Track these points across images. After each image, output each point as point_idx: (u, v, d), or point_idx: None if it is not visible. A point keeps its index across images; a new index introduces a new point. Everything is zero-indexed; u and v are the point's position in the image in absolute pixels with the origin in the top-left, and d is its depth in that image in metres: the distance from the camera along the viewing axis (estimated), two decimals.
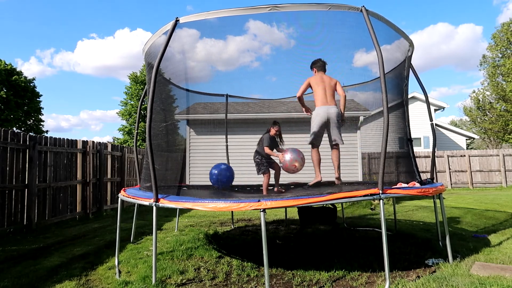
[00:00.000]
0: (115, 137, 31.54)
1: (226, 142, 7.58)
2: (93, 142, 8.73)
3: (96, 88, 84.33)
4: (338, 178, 4.94)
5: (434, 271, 3.74)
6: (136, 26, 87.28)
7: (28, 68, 66.19)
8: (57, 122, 73.75)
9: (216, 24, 4.09)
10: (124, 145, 13.15)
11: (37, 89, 28.42)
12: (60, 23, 75.85)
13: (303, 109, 5.15)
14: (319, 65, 4.97)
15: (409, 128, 5.30)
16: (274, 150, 5.42)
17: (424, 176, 5.23)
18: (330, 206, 5.66)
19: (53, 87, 75.33)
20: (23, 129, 27.21)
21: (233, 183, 5.78)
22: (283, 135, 5.55)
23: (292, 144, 5.46)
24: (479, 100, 25.66)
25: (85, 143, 8.43)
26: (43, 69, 69.23)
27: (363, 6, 3.56)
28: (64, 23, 75.71)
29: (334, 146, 4.89)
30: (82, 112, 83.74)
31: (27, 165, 6.49)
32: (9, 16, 62.03)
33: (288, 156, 4.96)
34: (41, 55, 71.68)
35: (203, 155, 11.29)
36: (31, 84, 27.77)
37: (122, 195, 4.37)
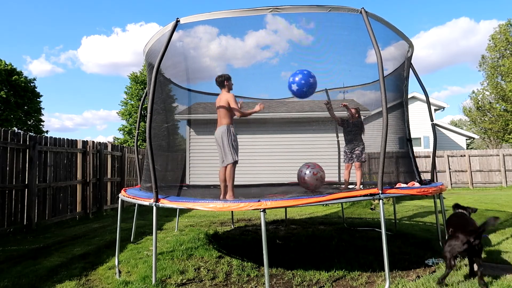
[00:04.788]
0: (115, 137, 31.57)
1: None
2: (93, 142, 8.73)
3: (103, 87, 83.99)
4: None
5: (434, 271, 3.75)
6: (150, 20, 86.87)
7: (36, 66, 66.09)
8: (61, 121, 73.95)
9: (217, 25, 4.09)
10: (124, 145, 13.15)
11: (38, 89, 28.46)
12: (66, 20, 75.58)
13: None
14: None
15: (409, 128, 5.30)
16: None
17: (424, 176, 5.24)
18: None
19: (59, 86, 75.39)
20: (24, 129, 27.20)
21: (234, 183, 5.76)
22: (282, 135, 5.56)
23: (292, 144, 5.46)
24: (479, 100, 25.64)
25: (85, 143, 8.43)
26: (51, 67, 69.40)
27: (363, 8, 3.56)
28: (71, 20, 75.30)
29: None
30: (87, 112, 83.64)
31: (27, 165, 6.49)
32: (16, 13, 61.96)
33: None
34: (49, 53, 71.92)
35: (203, 155, 11.30)
36: (31, 84, 27.76)
37: (123, 195, 4.38)
